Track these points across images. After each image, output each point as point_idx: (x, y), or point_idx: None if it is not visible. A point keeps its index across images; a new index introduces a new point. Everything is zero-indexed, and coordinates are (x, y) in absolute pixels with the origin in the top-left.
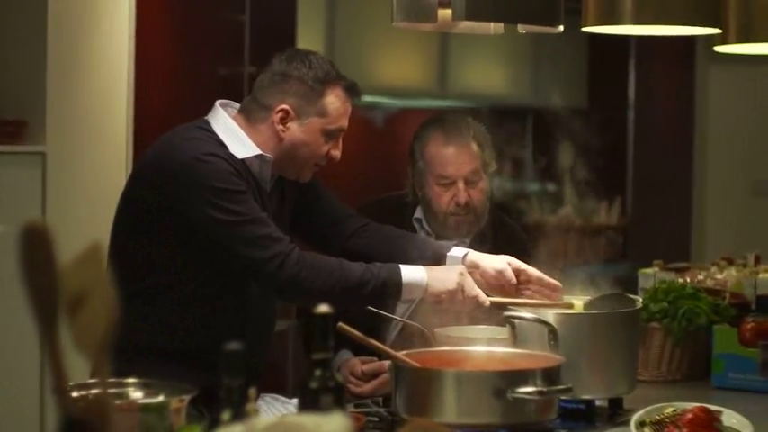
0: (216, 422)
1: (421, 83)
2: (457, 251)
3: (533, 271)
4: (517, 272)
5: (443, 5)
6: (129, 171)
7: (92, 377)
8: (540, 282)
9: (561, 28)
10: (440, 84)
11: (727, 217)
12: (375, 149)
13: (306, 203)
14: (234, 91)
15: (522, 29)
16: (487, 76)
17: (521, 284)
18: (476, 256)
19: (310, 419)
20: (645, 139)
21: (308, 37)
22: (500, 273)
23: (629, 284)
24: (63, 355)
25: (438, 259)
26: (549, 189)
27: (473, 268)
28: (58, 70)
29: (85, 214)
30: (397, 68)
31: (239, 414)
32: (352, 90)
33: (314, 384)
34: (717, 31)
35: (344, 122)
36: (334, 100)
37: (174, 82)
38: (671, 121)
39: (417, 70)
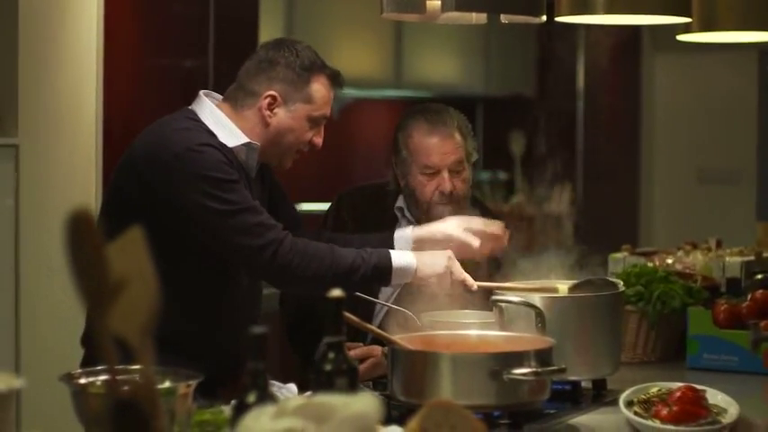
0: (243, 406)
1: (377, 73)
2: (401, 232)
3: (476, 225)
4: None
5: None
6: (100, 162)
7: (135, 361)
8: (483, 235)
9: (544, 18)
10: (395, 74)
11: (674, 203)
12: (330, 139)
13: (270, 201)
14: (199, 83)
15: (504, 19)
16: (441, 66)
17: None
18: (420, 231)
19: (339, 399)
20: (594, 128)
21: (270, 29)
22: (450, 237)
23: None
24: (111, 339)
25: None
26: (500, 177)
27: (420, 243)
28: (30, 65)
29: (58, 205)
30: (354, 59)
31: (264, 396)
32: (335, 79)
33: (328, 367)
34: (687, 19)
35: (328, 110)
36: (319, 87)
37: (141, 75)
38: (618, 110)
39: (373, 61)
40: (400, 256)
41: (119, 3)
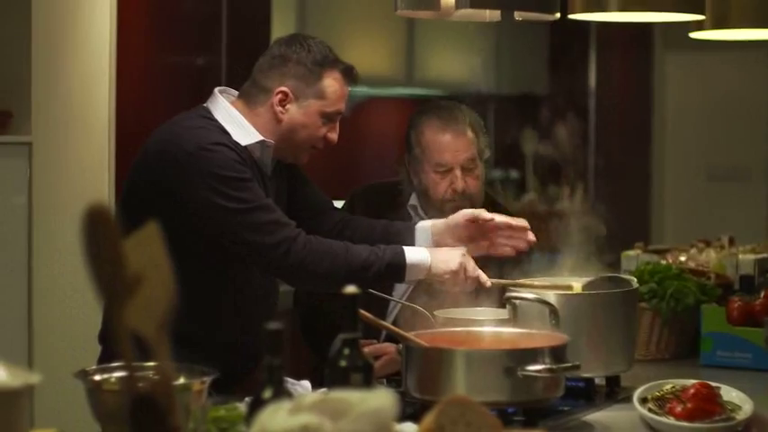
0: (259, 401)
1: (388, 71)
2: (423, 224)
3: (500, 218)
4: (483, 220)
5: None
6: (112, 159)
7: (152, 357)
8: (508, 226)
9: (558, 15)
10: (407, 72)
11: (685, 201)
12: (342, 137)
13: (292, 189)
14: (211, 80)
15: (518, 16)
16: (452, 64)
17: (490, 232)
18: (440, 222)
19: (355, 395)
20: (605, 126)
21: (282, 26)
22: (468, 222)
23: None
24: (128, 334)
25: (409, 236)
26: (512, 176)
27: (442, 233)
28: (43, 63)
29: (71, 203)
30: (366, 57)
31: (279, 392)
32: (349, 74)
33: (343, 363)
34: (701, 17)
35: (342, 106)
36: (332, 83)
37: (153, 72)
38: (630, 108)
39: (385, 59)
40: (414, 253)
41: (131, 1)
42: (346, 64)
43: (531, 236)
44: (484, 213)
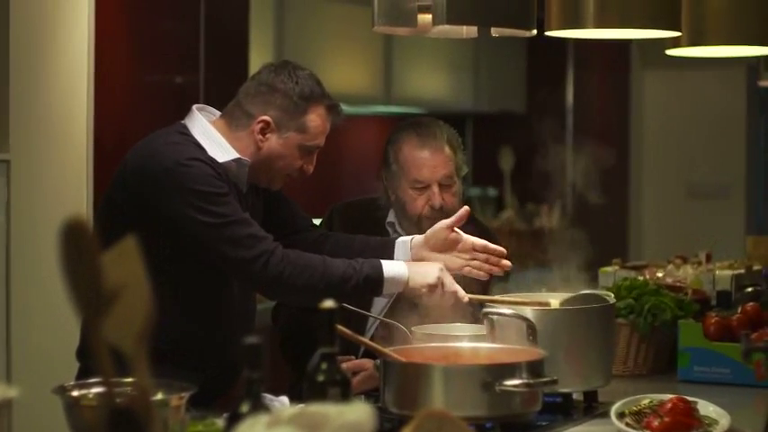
0: (237, 416)
1: (367, 89)
2: (404, 238)
3: (478, 240)
4: (460, 240)
5: (423, 11)
6: (91, 177)
7: (130, 371)
8: (485, 249)
9: (534, 31)
10: (385, 90)
11: (664, 218)
12: (321, 155)
13: (271, 208)
14: (190, 98)
15: (495, 32)
16: (430, 83)
17: (467, 251)
18: (419, 237)
19: (333, 409)
20: (583, 143)
21: (259, 46)
22: (445, 230)
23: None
24: (107, 349)
25: (388, 249)
26: (490, 193)
27: (420, 246)
28: (21, 81)
29: (50, 221)
30: (344, 76)
31: (257, 406)
32: (333, 110)
33: (321, 377)
34: (677, 33)
35: (322, 140)
36: (315, 118)
37: (132, 90)
38: (608, 126)
39: (363, 77)
40: (392, 267)
41: (110, 19)
42: (332, 100)
43: (506, 262)
44: (465, 237)
